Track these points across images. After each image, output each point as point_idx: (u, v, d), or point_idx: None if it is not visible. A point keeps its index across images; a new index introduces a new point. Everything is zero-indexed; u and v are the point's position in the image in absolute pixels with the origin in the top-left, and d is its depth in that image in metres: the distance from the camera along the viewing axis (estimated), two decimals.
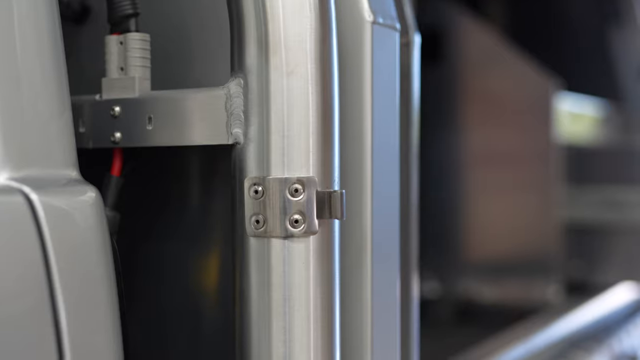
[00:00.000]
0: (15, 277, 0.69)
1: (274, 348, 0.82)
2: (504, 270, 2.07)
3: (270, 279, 0.81)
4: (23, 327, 0.69)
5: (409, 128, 1.04)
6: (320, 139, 0.82)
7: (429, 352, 1.66)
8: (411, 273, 1.04)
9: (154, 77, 0.93)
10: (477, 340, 1.64)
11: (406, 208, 1.03)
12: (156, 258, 1.01)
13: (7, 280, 0.68)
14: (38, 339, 0.70)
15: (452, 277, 2.10)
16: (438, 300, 2.08)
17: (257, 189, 0.81)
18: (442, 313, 2.05)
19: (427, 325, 1.95)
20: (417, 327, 1.05)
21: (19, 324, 0.69)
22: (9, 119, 0.75)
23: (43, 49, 0.79)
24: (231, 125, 0.82)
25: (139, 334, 1.01)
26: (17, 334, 0.68)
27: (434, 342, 1.78)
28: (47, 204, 0.72)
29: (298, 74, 0.81)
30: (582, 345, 1.83)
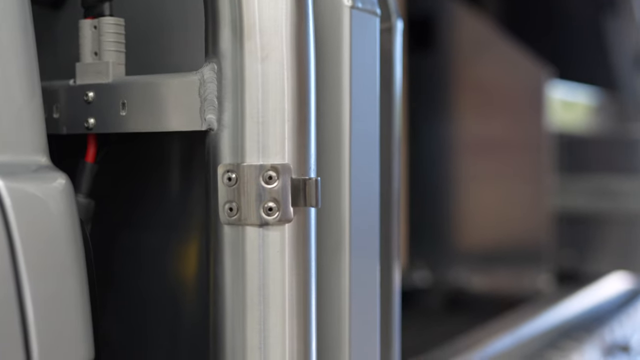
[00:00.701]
0: None
1: (249, 338, 0.80)
2: (495, 259, 2.06)
3: (245, 267, 0.80)
4: None
5: (391, 115, 1.03)
6: (296, 125, 0.80)
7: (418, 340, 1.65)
8: (393, 262, 1.03)
9: (133, 62, 0.91)
10: (468, 329, 1.62)
11: (388, 197, 1.01)
12: (134, 246, 0.99)
13: None
14: (3, 331, 0.68)
15: (443, 266, 2.09)
16: (429, 289, 2.07)
17: (230, 176, 0.79)
18: (433, 302, 2.04)
19: (417, 314, 1.95)
20: (399, 317, 1.03)
21: None
22: None
23: (12, 34, 0.77)
24: (205, 111, 0.81)
25: (116, 322, 1.00)
26: None
27: (424, 331, 1.77)
28: (13, 191, 0.71)
29: (273, 58, 0.79)
30: (573, 335, 1.82)
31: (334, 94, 0.89)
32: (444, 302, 2.04)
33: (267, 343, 0.80)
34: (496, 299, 1.98)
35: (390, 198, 1.02)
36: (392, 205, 1.02)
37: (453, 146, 2.09)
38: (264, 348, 0.80)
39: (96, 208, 0.92)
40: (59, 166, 0.81)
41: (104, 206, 0.94)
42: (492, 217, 2.07)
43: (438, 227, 2.10)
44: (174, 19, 0.94)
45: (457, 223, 2.11)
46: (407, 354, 1.45)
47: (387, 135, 1.02)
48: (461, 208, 2.09)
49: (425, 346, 1.52)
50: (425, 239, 2.08)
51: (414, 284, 2.07)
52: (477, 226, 2.10)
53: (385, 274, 1.01)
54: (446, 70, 2.09)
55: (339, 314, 0.89)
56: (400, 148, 1.04)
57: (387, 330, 1.02)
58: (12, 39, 0.77)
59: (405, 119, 1.97)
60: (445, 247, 2.10)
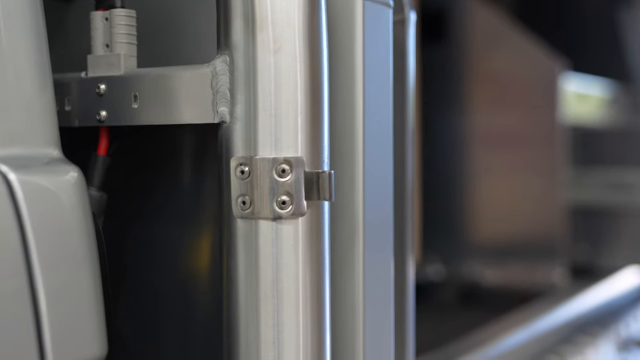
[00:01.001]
0: None
1: (262, 332, 0.80)
2: (508, 253, 2.05)
3: (258, 261, 0.79)
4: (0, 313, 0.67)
5: (404, 107, 1.02)
6: (309, 118, 0.79)
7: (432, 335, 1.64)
8: (407, 256, 1.02)
9: (145, 54, 0.91)
10: (482, 323, 1.62)
11: (401, 190, 1.00)
12: (147, 239, 0.99)
13: None
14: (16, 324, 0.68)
15: (456, 260, 2.08)
16: (442, 283, 2.06)
17: (243, 169, 0.78)
18: (447, 296, 2.03)
19: (431, 308, 1.94)
20: (413, 311, 1.03)
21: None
22: None
23: (24, 27, 0.77)
24: (217, 103, 0.80)
25: (129, 316, 1.00)
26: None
27: (438, 325, 1.76)
28: (25, 184, 0.71)
29: (285, 50, 0.78)
30: (587, 329, 1.81)
31: (347, 86, 0.88)
32: (457, 296, 2.03)
33: (280, 337, 0.80)
34: (510, 293, 1.97)
35: (404, 191, 1.01)
36: (405, 199, 1.01)
37: (466, 139, 2.08)
38: (278, 342, 0.80)
39: (109, 201, 0.92)
40: (71, 159, 0.81)
41: (117, 199, 0.94)
42: (505, 210, 2.05)
43: (452, 221, 2.09)
44: (186, 11, 0.93)
45: (470, 217, 2.09)
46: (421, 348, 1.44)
47: (401, 128, 1.01)
48: (475, 202, 2.08)
49: (439, 340, 1.52)
50: (439, 232, 2.07)
51: (428, 278, 2.06)
52: (490, 220, 2.09)
53: (399, 268, 1.00)
54: (459, 62, 2.08)
55: (353, 308, 0.89)
56: (413, 141, 1.03)
57: (402, 324, 1.01)
58: (23, 31, 0.76)
59: (418, 111, 1.96)
60: (459, 241, 2.09)
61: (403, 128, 1.01)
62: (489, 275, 2.05)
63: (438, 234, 2.06)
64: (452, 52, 2.07)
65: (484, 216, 2.09)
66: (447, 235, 2.08)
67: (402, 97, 1.01)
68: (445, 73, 2.07)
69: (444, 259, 2.08)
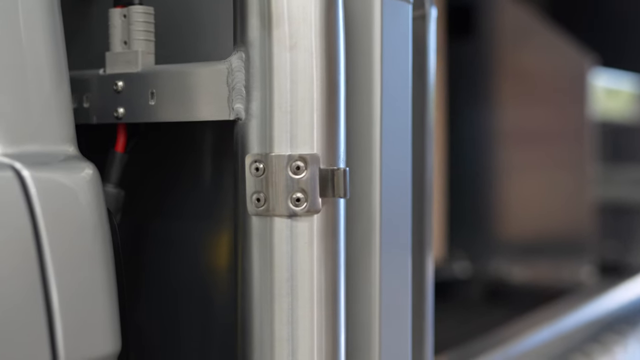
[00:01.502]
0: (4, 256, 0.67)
1: (276, 330, 0.79)
2: (536, 250, 2.02)
3: (273, 259, 0.79)
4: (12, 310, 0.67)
5: (424, 104, 1.01)
6: (325, 114, 0.79)
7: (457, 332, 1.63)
8: (426, 254, 1.01)
9: (164, 51, 0.91)
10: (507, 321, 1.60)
11: (420, 187, 1.00)
12: (165, 237, 0.99)
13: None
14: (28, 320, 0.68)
15: (483, 257, 2.06)
16: (469, 280, 2.04)
17: (258, 166, 0.78)
18: (473, 293, 2.02)
19: (456, 306, 1.93)
20: (432, 309, 1.02)
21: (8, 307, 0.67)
22: (2, 95, 0.73)
23: (39, 24, 0.77)
24: (233, 100, 0.80)
25: (147, 313, 1.00)
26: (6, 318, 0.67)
27: (463, 323, 1.75)
28: (39, 181, 0.71)
29: (302, 47, 0.78)
30: (615, 328, 1.78)
31: (365, 83, 0.87)
32: (484, 294, 2.01)
33: (295, 335, 0.79)
34: (537, 290, 1.95)
35: (423, 189, 1.00)
36: (425, 196, 1.00)
37: (494, 135, 2.06)
38: (292, 340, 0.79)
39: (128, 198, 0.92)
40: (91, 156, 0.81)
41: (136, 196, 0.94)
42: (533, 207, 2.03)
43: (478, 217, 2.08)
44: (204, 7, 0.93)
45: (498, 213, 2.08)
46: (445, 345, 1.44)
47: (420, 125, 1.00)
48: (502, 198, 2.06)
49: (463, 338, 1.51)
50: (466, 229, 2.05)
51: (454, 275, 2.05)
52: (518, 216, 2.07)
53: (418, 266, 1.00)
54: (487, 57, 2.06)
55: (369, 306, 0.88)
56: (433, 138, 1.02)
57: (420, 323, 1.01)
58: (39, 29, 0.77)
59: (444, 107, 1.95)
60: (486, 238, 2.07)
61: (423, 125, 1.00)
62: (516, 273, 2.03)
63: (465, 230, 2.05)
64: (479, 47, 2.05)
65: (511, 213, 2.07)
66: (474, 231, 2.07)
67: (422, 94, 1.00)
68: (472, 68, 2.05)
69: (470, 256, 2.07)
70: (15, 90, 0.74)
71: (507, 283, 2.02)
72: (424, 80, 1.01)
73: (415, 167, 0.97)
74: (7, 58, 0.74)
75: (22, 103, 0.74)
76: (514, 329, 1.51)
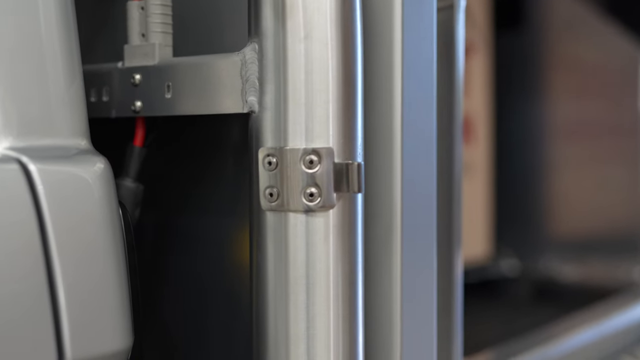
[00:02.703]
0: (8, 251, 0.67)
1: (292, 327, 0.77)
2: (588, 248, 1.96)
3: (288, 255, 0.77)
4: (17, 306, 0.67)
5: (452, 99, 0.97)
6: (341, 107, 0.76)
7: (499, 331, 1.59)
8: (454, 251, 0.98)
9: (184, 43, 0.90)
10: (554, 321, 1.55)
11: (448, 183, 0.96)
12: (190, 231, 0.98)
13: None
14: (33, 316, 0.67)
15: (532, 254, 2.01)
16: (517, 279, 1.99)
17: (271, 160, 0.76)
18: (521, 292, 1.96)
19: (503, 305, 1.88)
20: (461, 308, 0.98)
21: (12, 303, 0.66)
22: (10, 87, 0.73)
23: (49, 17, 0.76)
24: (246, 93, 0.78)
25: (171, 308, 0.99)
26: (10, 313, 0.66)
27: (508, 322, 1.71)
28: (46, 175, 0.70)
29: (316, 37, 0.76)
30: None
31: (384, 75, 0.84)
32: (532, 293, 1.96)
33: (310, 332, 0.77)
34: (588, 290, 1.89)
35: (451, 184, 0.97)
36: (453, 192, 0.97)
37: (544, 129, 2.00)
38: (308, 337, 0.77)
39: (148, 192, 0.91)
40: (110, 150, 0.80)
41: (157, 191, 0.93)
42: (585, 203, 1.97)
43: (527, 214, 2.02)
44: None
45: (548, 209, 2.02)
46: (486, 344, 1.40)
47: (448, 119, 0.97)
48: (552, 194, 2.01)
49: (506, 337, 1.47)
50: (514, 225, 2.00)
51: (501, 273, 2.00)
52: (569, 213, 2.01)
53: (446, 264, 0.97)
54: (537, 49, 2.00)
55: (389, 305, 0.85)
56: (462, 131, 0.98)
57: (449, 322, 0.98)
58: (50, 22, 0.76)
59: (492, 100, 1.90)
60: (535, 235, 2.01)
61: (451, 119, 0.97)
62: (566, 271, 1.97)
63: (513, 227, 2.00)
64: (529, 39, 2.00)
65: (562, 209, 2.02)
66: (522, 228, 2.01)
67: (450, 87, 0.97)
68: (521, 60, 2.00)
69: (519, 254, 2.01)
70: (23, 84, 0.73)
71: (556, 282, 1.96)
72: (452, 73, 0.97)
73: (443, 162, 0.95)
74: (16, 51, 0.73)
75: (31, 97, 0.74)
76: (558, 328, 1.46)
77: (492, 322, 1.71)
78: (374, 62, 0.84)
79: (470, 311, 1.73)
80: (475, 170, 1.83)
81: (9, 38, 0.73)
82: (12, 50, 0.73)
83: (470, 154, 1.81)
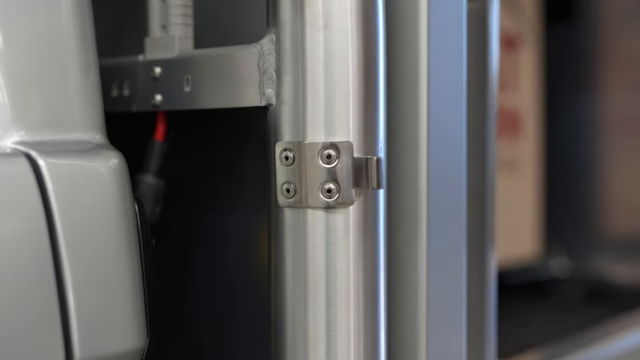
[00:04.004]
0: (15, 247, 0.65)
1: (310, 328, 0.75)
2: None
3: (306, 253, 0.74)
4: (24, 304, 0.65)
5: (485, 92, 0.93)
6: (361, 100, 0.73)
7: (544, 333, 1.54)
8: (487, 251, 0.94)
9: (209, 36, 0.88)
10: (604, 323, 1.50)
11: (481, 179, 0.93)
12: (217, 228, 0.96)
13: (5, 254, 0.64)
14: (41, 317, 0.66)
15: (583, 254, 1.94)
16: (567, 279, 1.93)
17: (287, 154, 0.74)
18: (571, 293, 1.90)
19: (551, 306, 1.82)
20: (494, 311, 0.94)
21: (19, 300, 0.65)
22: (21, 82, 0.71)
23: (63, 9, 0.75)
24: (264, 85, 0.76)
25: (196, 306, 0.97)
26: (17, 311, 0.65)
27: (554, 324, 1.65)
28: (56, 170, 0.68)
29: (336, 27, 0.73)
30: None
31: (410, 66, 0.81)
32: (583, 294, 1.89)
33: (330, 335, 0.74)
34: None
35: (484, 181, 0.93)
36: (486, 189, 0.93)
37: (597, 124, 1.93)
38: (328, 339, 0.74)
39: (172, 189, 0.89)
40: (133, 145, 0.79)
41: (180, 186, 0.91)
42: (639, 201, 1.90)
43: (579, 212, 1.95)
44: None
45: (600, 207, 1.95)
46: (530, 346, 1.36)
47: (481, 113, 0.93)
48: (605, 191, 1.94)
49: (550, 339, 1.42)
50: (565, 224, 1.94)
51: (551, 273, 1.93)
52: (624, 211, 1.93)
53: (478, 264, 0.93)
54: (590, 42, 1.94)
55: (414, 306, 0.82)
56: (495, 127, 0.94)
57: (481, 325, 0.94)
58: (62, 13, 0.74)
59: (542, 95, 1.84)
60: (587, 234, 1.95)
61: (483, 115, 0.93)
62: (619, 272, 1.90)
63: (564, 225, 1.93)
64: (582, 32, 1.93)
65: (616, 207, 1.94)
66: (574, 227, 1.95)
67: (483, 81, 0.93)
68: (574, 54, 1.93)
69: (569, 253, 1.95)
70: (34, 79, 0.72)
71: (609, 283, 1.89)
72: (485, 67, 0.93)
73: (475, 158, 0.91)
74: (26, 46, 0.72)
75: (43, 91, 0.72)
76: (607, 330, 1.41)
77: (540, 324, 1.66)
78: (399, 52, 0.81)
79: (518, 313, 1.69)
80: (524, 166, 1.77)
81: (20, 32, 0.72)
82: (23, 45, 0.72)
83: (519, 149, 1.75)
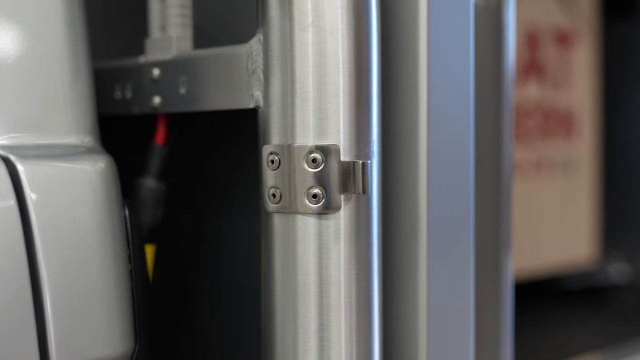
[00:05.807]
0: None
1: (300, 337, 0.72)
2: None
3: (295, 259, 0.71)
4: None
5: (500, 91, 0.89)
6: (352, 101, 0.70)
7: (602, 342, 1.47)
8: (503, 257, 0.90)
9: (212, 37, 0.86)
10: None
11: (496, 182, 0.88)
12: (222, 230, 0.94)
13: None
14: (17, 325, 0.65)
15: None
16: (627, 286, 1.84)
17: (273, 158, 0.71)
18: (631, 300, 1.81)
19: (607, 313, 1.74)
20: (511, 319, 0.90)
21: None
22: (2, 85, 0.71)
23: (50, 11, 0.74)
24: (252, 86, 0.74)
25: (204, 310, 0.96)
26: None
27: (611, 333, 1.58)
28: (35, 174, 0.68)
29: (324, 26, 0.70)
30: None
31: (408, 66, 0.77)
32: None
33: (321, 344, 0.72)
34: None
35: (499, 185, 0.89)
36: (501, 194, 0.89)
37: None
38: (319, 349, 0.72)
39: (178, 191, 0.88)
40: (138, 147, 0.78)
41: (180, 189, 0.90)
42: None
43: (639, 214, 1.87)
44: None
45: None
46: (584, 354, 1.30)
47: (495, 115, 0.88)
48: None
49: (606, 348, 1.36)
50: (624, 227, 1.85)
51: (609, 279, 1.85)
52: None
53: (493, 270, 0.89)
54: None
55: (414, 315, 0.78)
56: (512, 128, 0.90)
57: (497, 333, 0.89)
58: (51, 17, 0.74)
59: (598, 93, 1.77)
60: None
61: (498, 116, 0.89)
62: None
63: (623, 229, 1.85)
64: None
65: None
66: (634, 230, 1.86)
67: (498, 77, 0.89)
68: (633, 50, 1.85)
69: (629, 258, 1.86)
70: (17, 82, 0.72)
71: None
72: (500, 66, 0.89)
73: (490, 161, 0.87)
74: (9, 48, 0.72)
75: (27, 94, 0.72)
76: None
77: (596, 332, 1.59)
78: (396, 52, 0.77)
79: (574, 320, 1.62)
80: (579, 167, 1.70)
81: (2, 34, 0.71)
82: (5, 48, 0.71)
83: (573, 150, 1.69)
